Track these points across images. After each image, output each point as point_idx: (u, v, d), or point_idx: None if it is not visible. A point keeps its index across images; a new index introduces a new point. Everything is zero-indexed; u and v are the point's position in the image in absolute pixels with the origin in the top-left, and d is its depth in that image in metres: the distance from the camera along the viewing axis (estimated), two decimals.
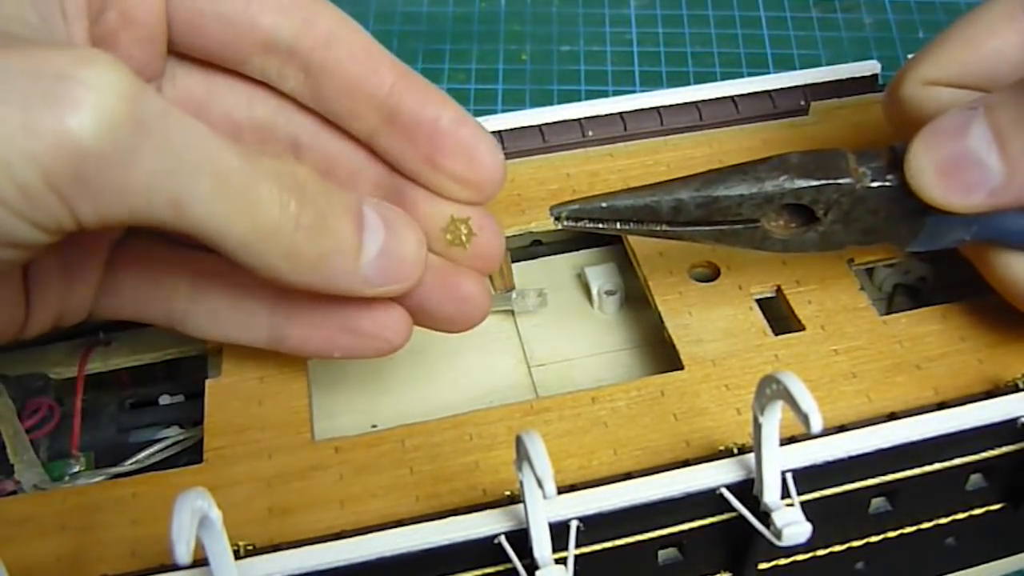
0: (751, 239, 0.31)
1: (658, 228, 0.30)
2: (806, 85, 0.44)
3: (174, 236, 0.25)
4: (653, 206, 0.30)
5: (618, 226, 0.30)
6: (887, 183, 0.29)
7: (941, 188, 0.28)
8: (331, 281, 0.28)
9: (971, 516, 0.33)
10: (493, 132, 0.41)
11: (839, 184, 0.29)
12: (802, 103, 0.44)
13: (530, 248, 0.42)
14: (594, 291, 0.39)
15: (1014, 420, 0.30)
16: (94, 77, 0.23)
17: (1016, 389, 0.31)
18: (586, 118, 0.42)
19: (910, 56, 0.44)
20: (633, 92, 0.45)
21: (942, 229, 0.30)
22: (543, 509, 0.27)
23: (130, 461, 0.34)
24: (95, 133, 0.22)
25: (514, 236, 0.40)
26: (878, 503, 0.32)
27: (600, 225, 0.31)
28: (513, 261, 0.41)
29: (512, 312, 0.39)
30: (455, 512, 0.28)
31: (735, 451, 0.29)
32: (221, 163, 0.25)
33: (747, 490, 0.29)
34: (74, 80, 0.22)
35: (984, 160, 0.27)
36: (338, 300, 0.30)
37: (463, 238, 0.30)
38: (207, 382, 0.34)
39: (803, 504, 0.28)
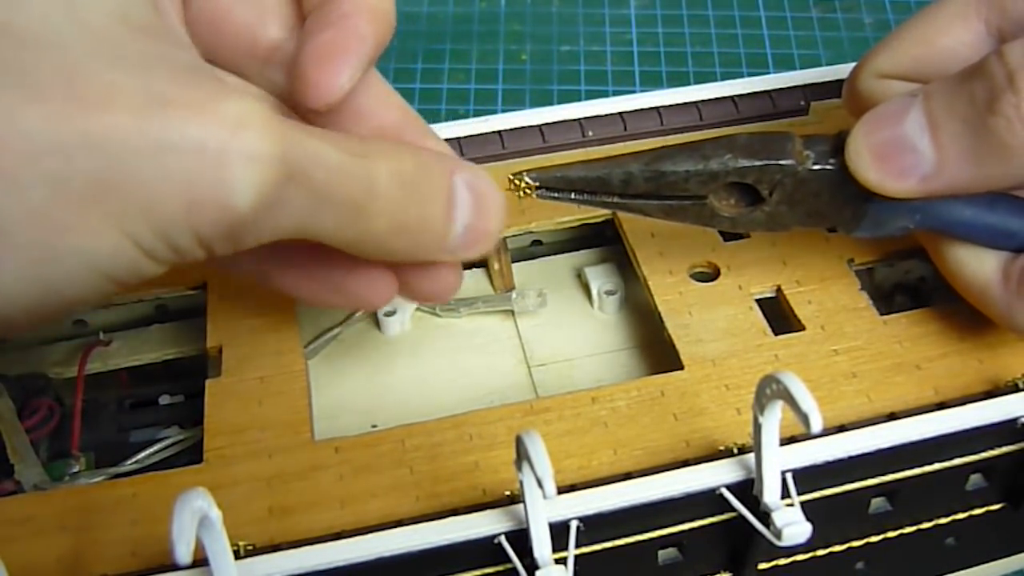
0: (699, 215, 0.31)
1: (610, 200, 0.31)
2: (806, 85, 0.44)
3: None
4: (604, 178, 0.30)
5: (572, 196, 0.31)
6: (828, 167, 0.30)
7: (875, 171, 0.29)
8: (416, 257, 0.28)
9: (971, 516, 0.34)
10: (493, 132, 0.41)
11: (781, 165, 0.30)
12: (802, 103, 0.44)
13: (530, 248, 0.42)
14: (594, 291, 0.39)
15: (1014, 420, 0.30)
16: (255, 149, 0.22)
17: (1016, 389, 0.31)
18: (586, 118, 0.42)
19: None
20: (633, 92, 0.45)
21: (885, 215, 0.30)
22: (543, 509, 0.27)
23: (130, 461, 0.34)
24: (254, 204, 0.22)
25: (514, 236, 0.40)
26: (878, 503, 0.32)
27: (555, 195, 0.31)
28: (513, 261, 0.41)
29: (512, 312, 0.39)
30: (455, 512, 0.28)
31: (735, 451, 0.29)
32: (346, 190, 0.25)
33: (747, 490, 0.29)
34: (235, 156, 0.22)
35: (917, 146, 0.28)
36: (331, 261, 0.30)
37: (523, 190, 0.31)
38: (207, 382, 0.34)
39: (803, 504, 0.28)
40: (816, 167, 0.30)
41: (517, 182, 0.31)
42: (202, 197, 0.22)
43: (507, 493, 0.28)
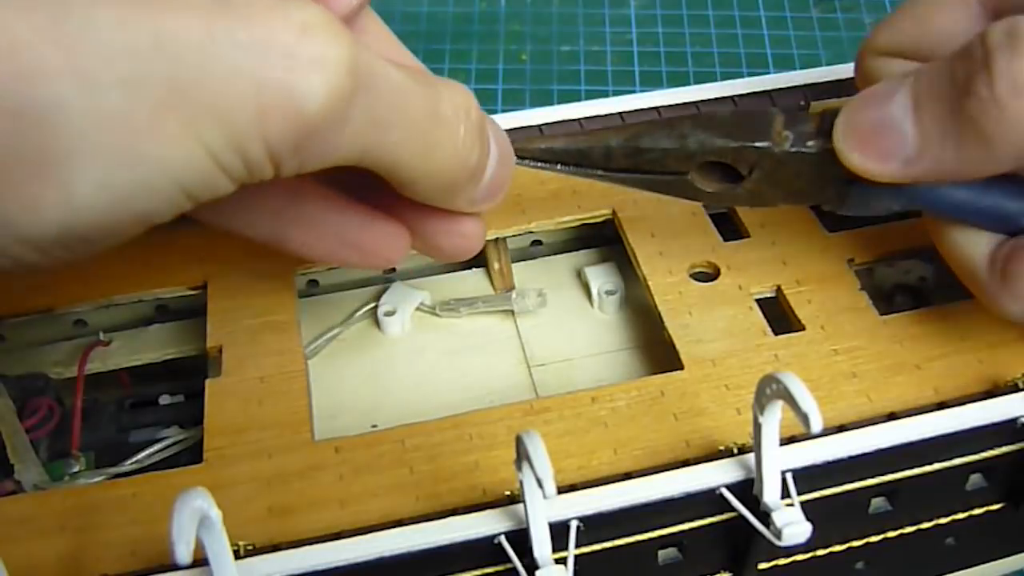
0: (681, 189, 0.31)
1: (593, 172, 0.31)
2: (806, 85, 0.44)
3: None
4: (585, 151, 0.31)
5: (558, 167, 0.31)
6: (807, 149, 0.29)
7: (859, 153, 0.28)
8: (454, 205, 0.28)
9: (971, 516, 0.34)
10: None
11: (757, 147, 0.29)
12: (802, 103, 0.43)
13: (530, 248, 0.42)
14: (594, 291, 0.39)
15: (1014, 420, 0.30)
16: (322, 53, 0.22)
17: (1016, 389, 0.31)
18: (586, 118, 0.42)
19: None
20: (633, 92, 0.45)
21: (869, 196, 0.30)
22: (543, 509, 0.27)
23: (130, 461, 0.34)
24: (323, 110, 0.22)
25: (514, 236, 0.40)
26: (878, 503, 0.32)
27: (540, 164, 0.31)
28: (513, 261, 0.41)
29: (512, 312, 0.39)
30: (455, 512, 0.28)
31: (735, 451, 0.29)
32: (412, 111, 0.25)
33: (747, 490, 0.29)
34: (304, 59, 0.22)
35: (901, 128, 0.27)
36: (346, 214, 0.30)
37: None
38: (207, 382, 0.34)
39: (803, 504, 0.28)
40: (793, 150, 0.29)
41: None
42: (273, 100, 0.22)
43: (507, 493, 0.28)
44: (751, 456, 0.28)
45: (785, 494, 0.28)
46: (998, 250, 0.30)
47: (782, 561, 0.32)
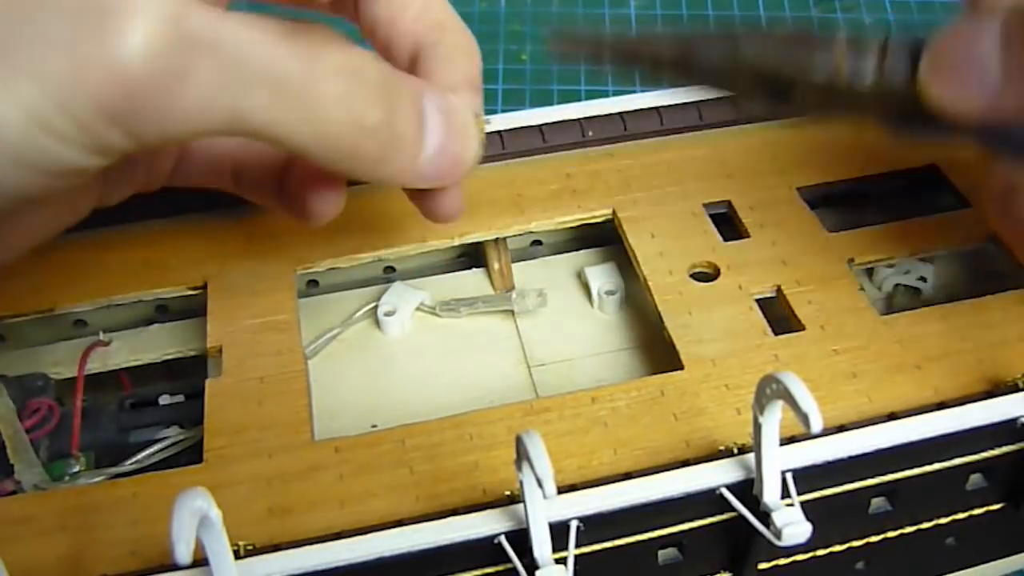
0: (727, 95, 0.31)
1: (639, 69, 0.30)
2: None
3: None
4: (635, 53, 0.29)
5: (606, 65, 0.30)
6: (864, 86, 0.28)
7: (943, 88, 0.27)
8: (389, 178, 0.28)
9: (971, 516, 0.34)
10: (493, 132, 0.41)
11: (813, 79, 0.28)
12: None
13: (530, 248, 0.42)
14: (594, 291, 0.39)
15: (1014, 420, 0.30)
16: (137, 7, 0.22)
17: (1016, 389, 0.31)
18: (586, 118, 0.42)
19: None
20: (633, 92, 0.45)
21: (931, 131, 0.28)
22: (543, 509, 0.27)
23: (130, 461, 0.33)
24: (144, 62, 0.22)
25: (514, 236, 0.40)
26: (878, 503, 0.32)
27: (588, 61, 0.30)
28: (513, 261, 0.41)
29: (512, 312, 0.39)
30: (455, 512, 0.28)
31: (735, 451, 0.29)
32: (279, 71, 0.24)
33: (747, 490, 0.29)
34: (118, 11, 0.22)
35: (989, 65, 0.26)
36: (288, 174, 0.31)
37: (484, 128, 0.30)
38: (207, 382, 0.34)
39: (803, 504, 0.28)
40: (853, 81, 0.28)
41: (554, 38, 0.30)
42: (87, 55, 0.22)
43: (507, 493, 0.28)
44: (751, 456, 0.28)
45: (785, 494, 0.28)
46: None
47: (782, 561, 0.32)
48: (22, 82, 0.21)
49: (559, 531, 0.27)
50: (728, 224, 0.39)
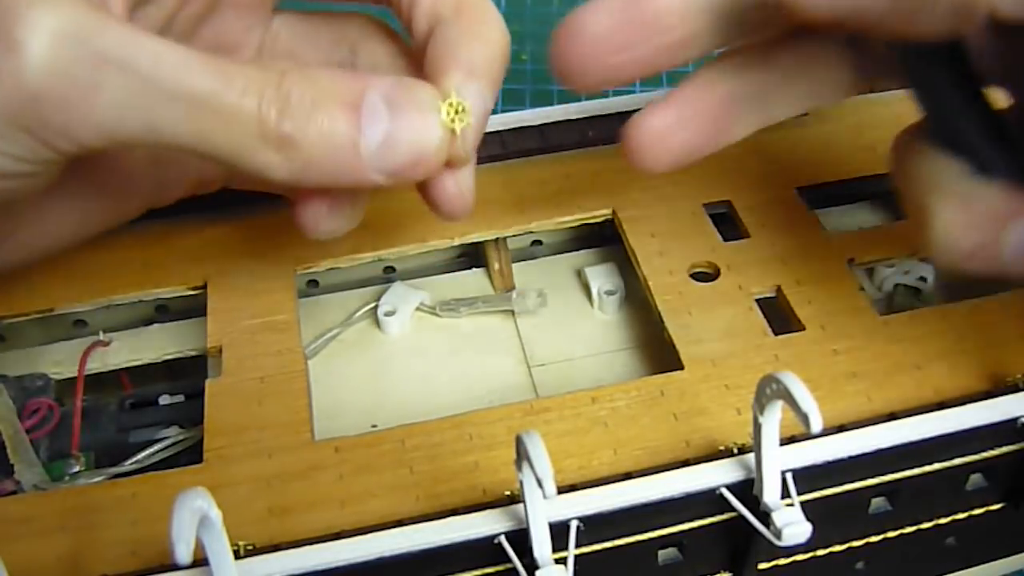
0: None
1: None
2: None
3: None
4: None
5: None
6: None
7: None
8: (336, 177, 0.27)
9: (971, 516, 0.34)
10: (493, 132, 0.41)
11: None
12: None
13: (530, 248, 0.42)
14: (594, 291, 0.39)
15: (1014, 420, 0.30)
16: (35, 16, 0.23)
17: (1016, 389, 0.31)
18: (586, 118, 0.42)
19: None
20: (633, 93, 0.45)
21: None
22: (543, 509, 0.27)
23: (130, 461, 0.33)
24: (47, 75, 0.23)
25: (514, 236, 0.40)
26: (878, 503, 0.32)
27: None
28: (513, 261, 0.41)
29: (512, 312, 0.39)
30: (455, 512, 0.28)
31: (735, 451, 0.29)
32: (192, 87, 0.25)
33: (747, 490, 0.29)
34: (15, 22, 0.23)
35: None
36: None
37: (454, 124, 0.28)
38: (207, 382, 0.34)
39: (803, 504, 0.28)
40: None
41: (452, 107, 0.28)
42: None
43: (507, 493, 0.28)
44: (751, 456, 0.28)
45: (785, 494, 0.28)
46: None
47: (782, 561, 0.32)
48: None
49: (559, 531, 0.27)
50: (728, 224, 0.39)
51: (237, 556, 0.26)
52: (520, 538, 0.27)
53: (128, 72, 0.24)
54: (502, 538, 0.27)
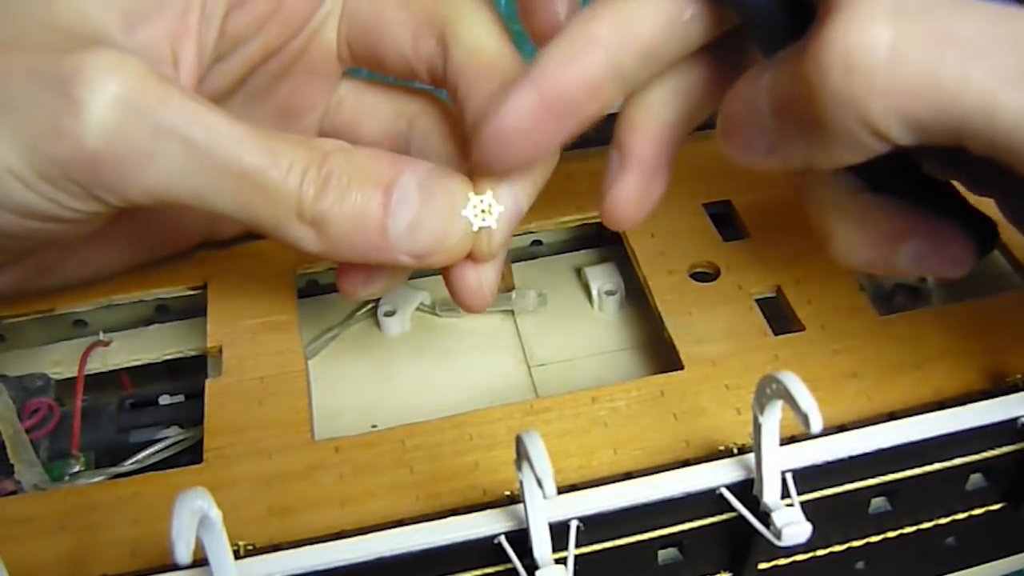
0: None
1: None
2: None
3: None
4: None
5: None
6: None
7: (730, 146, 0.27)
8: (365, 254, 0.28)
9: (971, 516, 0.33)
10: None
11: None
12: None
13: (530, 248, 0.42)
14: (594, 291, 0.39)
15: (1014, 420, 0.30)
16: (101, 81, 0.24)
17: (1016, 389, 0.31)
18: None
19: None
20: None
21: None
22: (543, 509, 0.27)
23: (130, 461, 0.33)
24: (101, 136, 0.24)
25: (514, 236, 0.40)
26: (878, 503, 0.32)
27: None
28: (513, 261, 0.41)
29: (512, 312, 0.39)
30: (455, 512, 0.28)
31: (735, 451, 0.29)
32: (242, 162, 0.26)
33: (747, 490, 0.29)
34: (81, 83, 0.24)
35: (762, 128, 0.25)
36: None
37: (480, 219, 0.29)
38: (207, 382, 0.34)
39: (803, 504, 0.28)
40: None
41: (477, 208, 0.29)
42: (55, 124, 0.24)
43: (507, 493, 0.28)
44: (751, 456, 0.28)
45: (785, 494, 0.28)
46: None
47: (782, 561, 0.32)
48: (4, 136, 0.24)
49: (559, 531, 0.27)
50: (728, 224, 0.39)
51: (237, 556, 0.26)
52: (520, 538, 0.27)
53: (183, 144, 0.25)
54: (502, 538, 0.27)
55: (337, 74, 0.35)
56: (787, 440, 0.29)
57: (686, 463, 0.30)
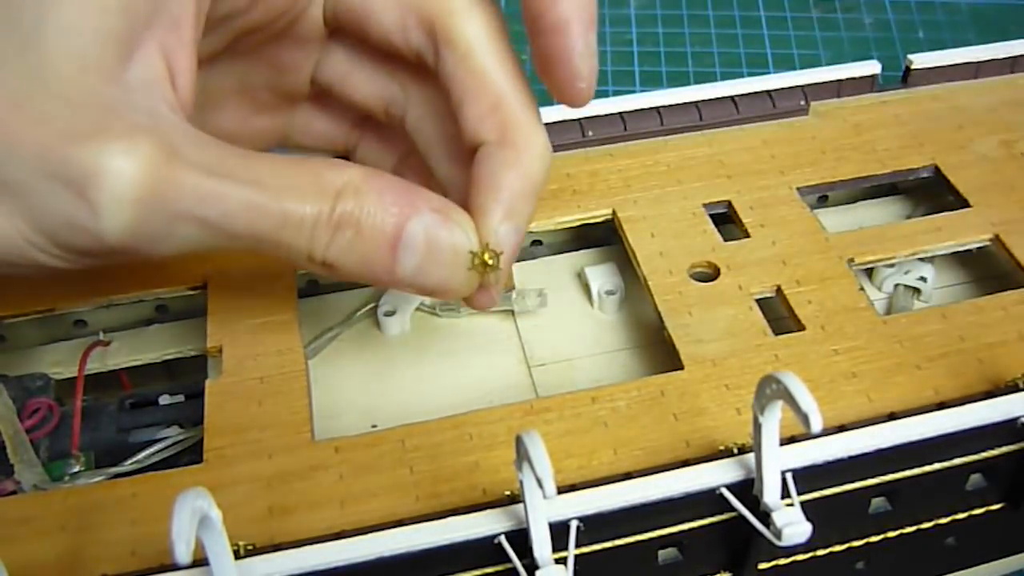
0: None
1: None
2: (806, 85, 0.44)
3: None
4: None
5: None
6: None
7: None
8: (372, 284, 0.30)
9: (971, 516, 0.34)
10: None
11: None
12: (802, 103, 0.44)
13: (530, 248, 0.42)
14: (594, 291, 0.39)
15: (1014, 420, 0.30)
16: (114, 186, 0.25)
17: (1016, 389, 0.31)
18: (586, 118, 0.42)
19: (909, 56, 0.44)
20: (633, 92, 0.45)
21: None
22: (543, 509, 0.27)
23: (130, 461, 0.33)
24: (121, 237, 0.25)
25: None
26: (878, 503, 0.32)
27: None
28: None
29: (512, 312, 0.39)
30: (455, 512, 0.28)
31: (735, 451, 0.29)
32: (254, 230, 0.27)
33: (747, 490, 0.29)
34: (94, 185, 0.24)
35: None
36: None
37: (485, 267, 0.30)
38: (207, 382, 0.34)
39: (803, 504, 0.28)
40: None
41: (482, 258, 0.29)
42: (74, 220, 0.25)
43: (507, 493, 0.28)
44: (751, 456, 0.28)
45: (785, 494, 0.28)
46: None
47: (782, 561, 0.32)
48: (21, 217, 0.25)
49: (559, 531, 0.27)
50: (728, 224, 0.39)
51: (237, 556, 0.26)
52: (520, 538, 0.27)
53: (199, 224, 0.26)
54: (502, 538, 0.28)
55: (325, 41, 0.34)
56: (787, 440, 0.29)
57: (686, 463, 0.30)
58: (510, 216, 0.30)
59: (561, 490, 0.27)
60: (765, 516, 0.28)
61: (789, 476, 0.28)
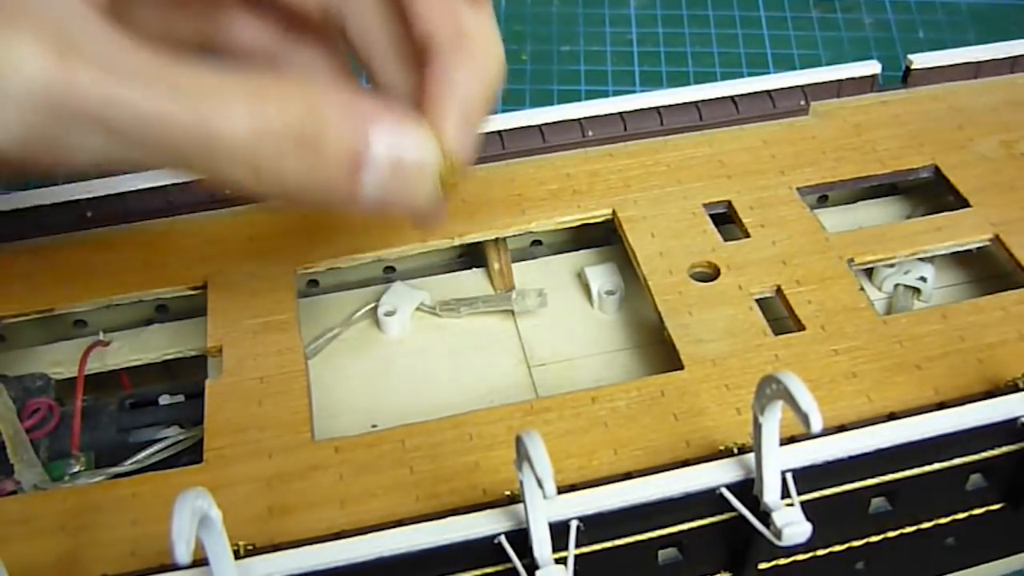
0: None
1: None
2: (806, 85, 0.44)
3: None
4: None
5: None
6: None
7: None
8: (328, 205, 0.26)
9: (971, 516, 0.34)
10: (493, 132, 0.41)
11: None
12: (802, 103, 0.44)
13: (530, 248, 0.42)
14: (594, 291, 0.39)
15: (1014, 420, 0.30)
16: (8, 90, 0.22)
17: (1016, 389, 0.31)
18: (586, 118, 0.42)
19: (909, 56, 0.44)
20: (633, 92, 0.45)
21: None
22: (543, 509, 0.27)
23: (130, 461, 0.33)
24: (16, 142, 0.23)
25: (514, 236, 0.40)
26: (878, 503, 0.32)
27: None
28: (513, 261, 0.41)
29: (512, 312, 0.39)
30: (455, 512, 0.28)
31: (735, 451, 0.29)
32: (171, 136, 0.23)
33: (747, 490, 0.29)
34: None
35: None
36: None
37: (445, 179, 0.27)
38: (207, 382, 0.34)
39: (803, 504, 0.28)
40: None
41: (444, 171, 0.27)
42: None
43: (507, 493, 0.28)
44: (751, 456, 0.28)
45: (785, 494, 0.28)
46: None
47: (782, 561, 0.32)
48: None
49: (559, 531, 0.27)
50: (728, 224, 0.39)
51: (237, 556, 0.26)
52: (520, 538, 0.27)
53: (105, 131, 0.23)
54: (502, 538, 0.27)
55: None
56: (787, 440, 0.29)
57: (686, 463, 0.30)
58: (467, 121, 0.28)
59: (561, 490, 0.27)
60: (765, 516, 0.28)
61: (789, 476, 0.28)
